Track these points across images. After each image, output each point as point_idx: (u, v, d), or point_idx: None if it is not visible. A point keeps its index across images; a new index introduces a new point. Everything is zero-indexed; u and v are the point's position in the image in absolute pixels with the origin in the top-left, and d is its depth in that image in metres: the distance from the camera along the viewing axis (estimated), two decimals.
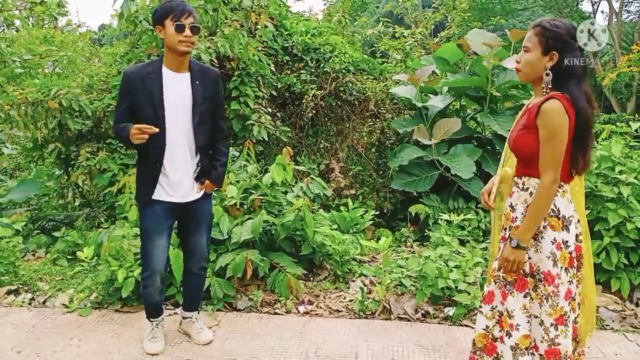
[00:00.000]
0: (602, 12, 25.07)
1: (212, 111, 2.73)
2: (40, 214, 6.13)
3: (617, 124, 4.11)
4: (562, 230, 2.03)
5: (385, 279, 3.48)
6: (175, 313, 3.39)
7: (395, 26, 8.41)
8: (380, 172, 6.03)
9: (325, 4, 10.79)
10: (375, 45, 8.45)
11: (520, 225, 2.05)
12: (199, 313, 3.17)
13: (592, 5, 25.81)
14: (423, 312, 3.34)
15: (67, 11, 9.31)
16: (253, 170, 4.10)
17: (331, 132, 6.12)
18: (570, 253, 2.04)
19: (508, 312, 2.08)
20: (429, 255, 3.44)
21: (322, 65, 6.05)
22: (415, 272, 3.48)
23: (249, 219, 3.71)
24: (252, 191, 3.95)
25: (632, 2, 24.86)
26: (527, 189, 2.09)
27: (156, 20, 2.59)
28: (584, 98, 1.98)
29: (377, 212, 5.33)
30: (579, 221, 2.11)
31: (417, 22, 13.94)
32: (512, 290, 2.09)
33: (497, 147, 5.46)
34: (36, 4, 7.53)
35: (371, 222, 4.96)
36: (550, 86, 2.00)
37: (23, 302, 3.73)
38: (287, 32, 6.13)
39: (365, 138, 6.03)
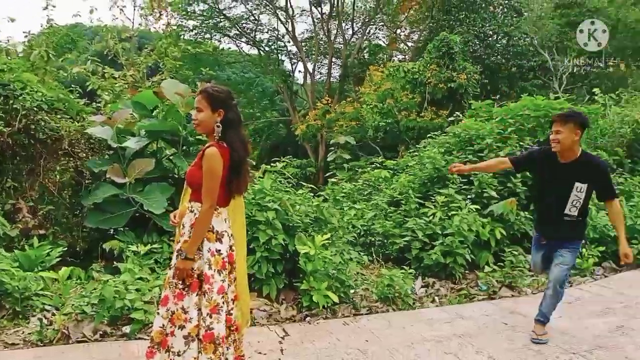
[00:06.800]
0: (300, 71, 29.34)
1: None
2: None
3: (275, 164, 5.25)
4: (216, 241, 2.73)
5: (65, 308, 3.68)
6: None
7: (106, 67, 8.53)
8: (77, 212, 6.06)
9: (26, 36, 10.11)
10: (87, 83, 8.38)
11: (188, 241, 2.65)
12: None
13: (291, 64, 29.82)
14: (102, 332, 3.65)
15: None
16: None
17: (22, 171, 5.90)
18: (223, 259, 2.73)
19: (183, 309, 2.63)
20: (107, 280, 3.79)
21: (11, 102, 5.83)
22: (95, 297, 3.77)
23: None
24: None
25: (324, 65, 29.77)
26: (193, 210, 2.75)
27: None
28: (239, 142, 2.74)
29: (66, 249, 5.35)
30: (232, 235, 2.82)
31: (129, 65, 14.15)
32: (188, 291, 2.66)
33: None
34: None
35: (59, 259, 4.97)
36: (220, 135, 2.69)
37: None
38: None
39: (58, 177, 6.01)
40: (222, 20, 25.94)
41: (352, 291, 4.90)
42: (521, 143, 6.82)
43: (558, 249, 4.04)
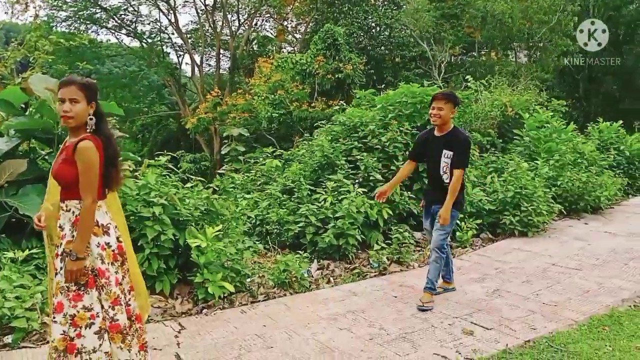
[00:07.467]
0: (187, 64, 28.48)
1: None
2: None
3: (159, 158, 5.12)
4: (103, 235, 2.66)
5: None
6: None
7: None
8: None
9: None
10: None
11: (74, 241, 2.52)
12: None
13: (178, 57, 28.82)
14: None
15: None
16: None
17: None
18: (113, 251, 2.68)
19: (85, 307, 2.54)
20: None
21: None
22: None
23: None
24: None
25: (212, 57, 29.12)
26: (70, 209, 2.62)
27: None
28: (111, 135, 2.65)
29: None
30: (117, 227, 2.76)
31: None
32: (86, 289, 2.56)
33: None
34: None
35: None
36: (94, 128, 2.58)
37: None
38: None
39: None
40: (98, 11, 24.41)
41: (248, 280, 4.95)
42: (401, 128, 7.24)
43: (437, 218, 4.46)
